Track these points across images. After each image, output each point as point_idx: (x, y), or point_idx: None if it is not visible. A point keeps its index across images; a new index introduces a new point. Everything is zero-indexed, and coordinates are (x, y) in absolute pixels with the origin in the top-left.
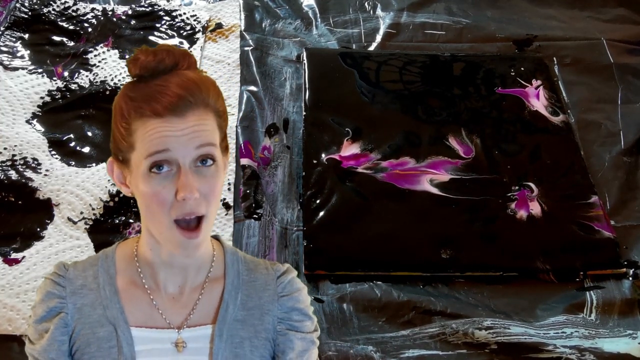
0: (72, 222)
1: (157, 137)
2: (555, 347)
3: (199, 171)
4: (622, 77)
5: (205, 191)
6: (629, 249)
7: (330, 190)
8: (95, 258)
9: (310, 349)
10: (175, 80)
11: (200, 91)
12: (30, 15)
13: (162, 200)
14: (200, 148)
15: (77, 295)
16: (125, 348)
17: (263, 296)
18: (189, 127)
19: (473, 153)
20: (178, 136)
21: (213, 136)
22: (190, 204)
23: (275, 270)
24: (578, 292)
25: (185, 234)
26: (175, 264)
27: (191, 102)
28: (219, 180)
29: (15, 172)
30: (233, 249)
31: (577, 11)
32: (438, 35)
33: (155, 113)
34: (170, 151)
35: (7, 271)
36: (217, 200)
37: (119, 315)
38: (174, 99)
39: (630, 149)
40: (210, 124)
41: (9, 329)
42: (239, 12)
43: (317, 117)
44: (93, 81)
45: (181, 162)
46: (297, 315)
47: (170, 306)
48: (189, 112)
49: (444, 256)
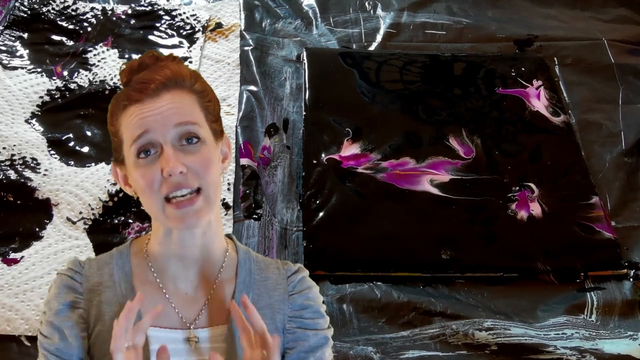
0: (71, 222)
1: (136, 120)
2: (555, 349)
3: (185, 149)
4: (623, 77)
5: (193, 166)
6: (630, 250)
7: (330, 191)
8: (109, 255)
9: (323, 345)
10: (151, 70)
11: (173, 74)
12: (30, 14)
13: (151, 180)
14: (179, 126)
15: (94, 292)
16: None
17: (274, 295)
18: (164, 105)
19: (473, 153)
20: (154, 114)
21: (192, 115)
22: (178, 179)
23: (286, 270)
24: (578, 293)
25: (179, 205)
26: (186, 257)
27: (165, 83)
28: (209, 156)
29: (14, 171)
30: (245, 249)
31: (578, 11)
32: (438, 35)
33: (134, 100)
34: (150, 132)
35: (6, 271)
36: (211, 175)
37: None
38: (149, 83)
39: (631, 149)
40: (189, 103)
41: (7, 329)
42: (239, 12)
43: (317, 117)
44: (92, 81)
45: (162, 141)
46: (308, 314)
47: (183, 303)
48: (163, 92)
49: (444, 257)
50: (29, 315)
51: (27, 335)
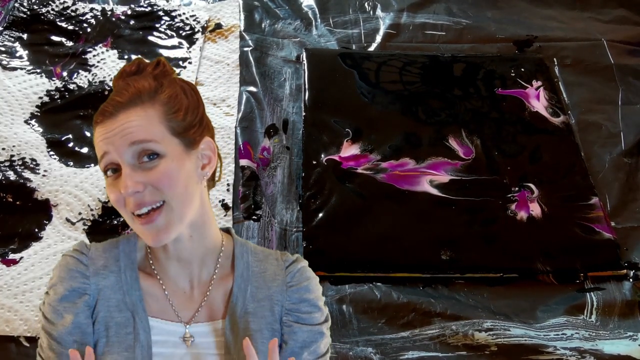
0: (70, 222)
1: (99, 142)
2: (555, 349)
3: (144, 166)
4: (622, 78)
5: (153, 182)
6: (630, 251)
7: (329, 191)
8: (116, 241)
9: (317, 340)
10: (118, 87)
11: (129, 91)
12: (29, 15)
13: (115, 198)
14: (133, 145)
15: (99, 275)
16: (142, 336)
17: (272, 287)
18: (118, 127)
19: (473, 154)
20: (110, 137)
21: (148, 132)
22: (136, 198)
23: (284, 261)
24: (578, 294)
25: (141, 221)
26: (181, 258)
27: (120, 102)
28: (169, 170)
29: (14, 172)
30: (243, 241)
31: (577, 12)
32: (438, 36)
33: (97, 121)
34: (109, 154)
35: (5, 272)
36: (176, 187)
37: (138, 303)
38: (108, 104)
39: (631, 150)
40: (146, 119)
41: (6, 330)
42: (238, 13)
43: (317, 118)
44: (92, 81)
45: (120, 161)
46: (305, 307)
47: (181, 302)
48: (120, 112)
49: (444, 257)
50: (28, 316)
51: (26, 336)
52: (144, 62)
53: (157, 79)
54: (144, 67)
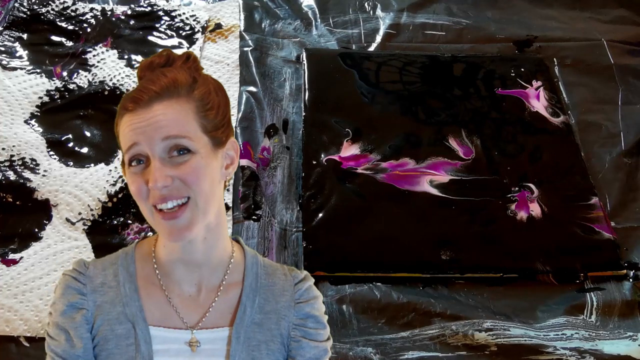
0: (70, 222)
1: (128, 131)
2: (555, 349)
3: (174, 160)
4: (622, 78)
5: (182, 176)
6: (630, 251)
7: (329, 191)
8: (115, 257)
9: (322, 357)
10: (150, 77)
11: (168, 83)
12: (29, 15)
13: (138, 189)
14: (167, 140)
15: (97, 292)
16: (143, 346)
17: (280, 301)
18: (153, 117)
19: (473, 154)
20: (142, 127)
21: (183, 127)
22: (163, 192)
23: (293, 277)
24: (578, 294)
25: (164, 216)
26: (189, 261)
27: (159, 93)
28: (198, 167)
29: (14, 172)
30: (253, 252)
31: (577, 12)
32: (438, 36)
33: (128, 109)
34: (138, 145)
35: (5, 272)
36: (202, 184)
37: (138, 314)
38: (142, 92)
39: (631, 150)
40: (181, 114)
41: (6, 330)
42: (238, 13)
43: (317, 118)
44: (92, 81)
45: (150, 153)
46: (312, 323)
47: (187, 306)
48: (155, 103)
49: (444, 257)
50: (28, 316)
51: (26, 336)
52: (173, 54)
53: (191, 73)
54: (173, 59)
